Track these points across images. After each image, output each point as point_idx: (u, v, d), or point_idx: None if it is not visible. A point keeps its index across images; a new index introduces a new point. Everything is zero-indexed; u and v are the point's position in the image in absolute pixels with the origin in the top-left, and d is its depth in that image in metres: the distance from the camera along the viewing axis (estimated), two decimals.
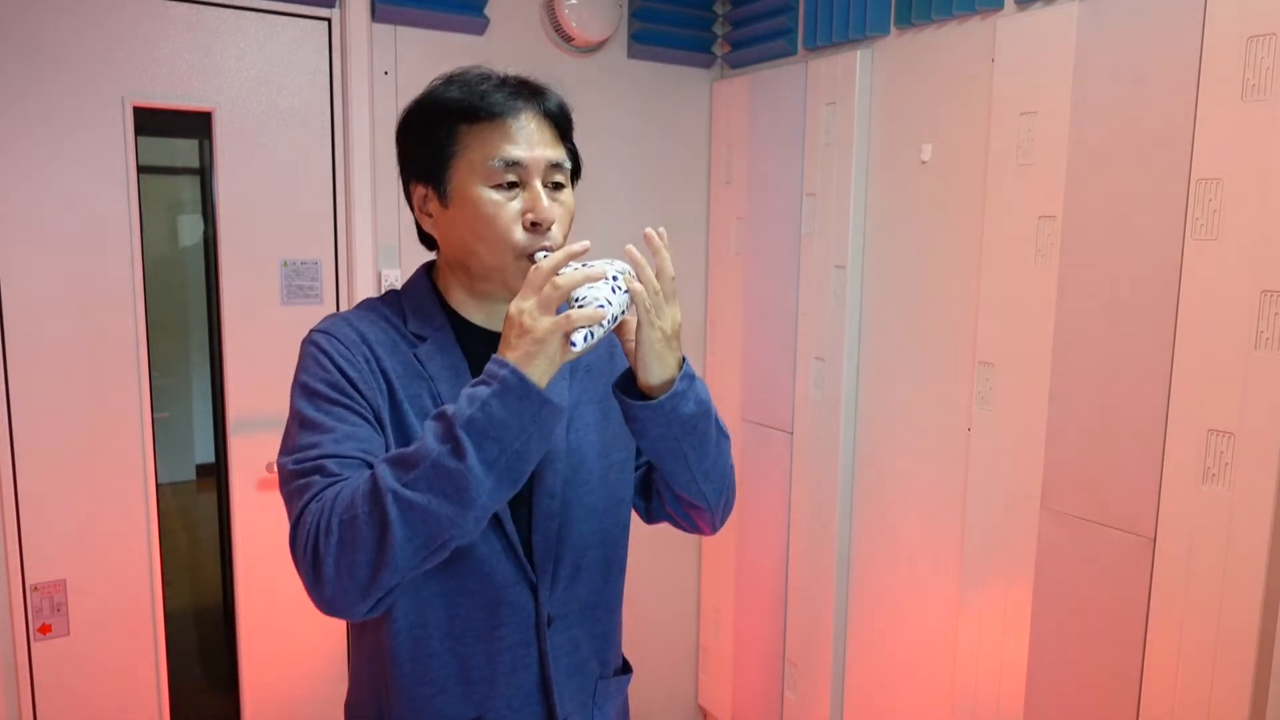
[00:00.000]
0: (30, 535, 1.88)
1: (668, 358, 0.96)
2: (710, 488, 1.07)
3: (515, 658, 1.07)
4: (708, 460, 1.04)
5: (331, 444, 0.95)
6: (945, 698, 1.97)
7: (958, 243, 1.91)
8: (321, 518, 0.90)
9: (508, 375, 0.87)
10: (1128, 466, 1.59)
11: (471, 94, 1.02)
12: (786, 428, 2.37)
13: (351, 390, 0.99)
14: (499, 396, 0.86)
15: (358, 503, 0.88)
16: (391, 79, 2.15)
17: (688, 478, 1.04)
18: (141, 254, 1.94)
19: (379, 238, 2.16)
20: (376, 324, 1.06)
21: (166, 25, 1.93)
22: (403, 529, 0.86)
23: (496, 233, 1.01)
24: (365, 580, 0.88)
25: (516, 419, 0.87)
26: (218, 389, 2.11)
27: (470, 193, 1.01)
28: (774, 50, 2.39)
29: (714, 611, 2.70)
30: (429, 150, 1.04)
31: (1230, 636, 1.44)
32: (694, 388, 0.99)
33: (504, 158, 1.00)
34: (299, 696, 2.20)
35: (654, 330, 0.94)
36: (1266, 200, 1.37)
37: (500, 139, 1.01)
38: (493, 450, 0.87)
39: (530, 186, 1.02)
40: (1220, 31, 1.42)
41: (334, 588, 0.89)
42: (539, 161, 1.02)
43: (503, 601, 1.05)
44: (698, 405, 0.99)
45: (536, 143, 1.02)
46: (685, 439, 1.00)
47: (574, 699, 1.12)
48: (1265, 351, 1.38)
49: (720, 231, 2.61)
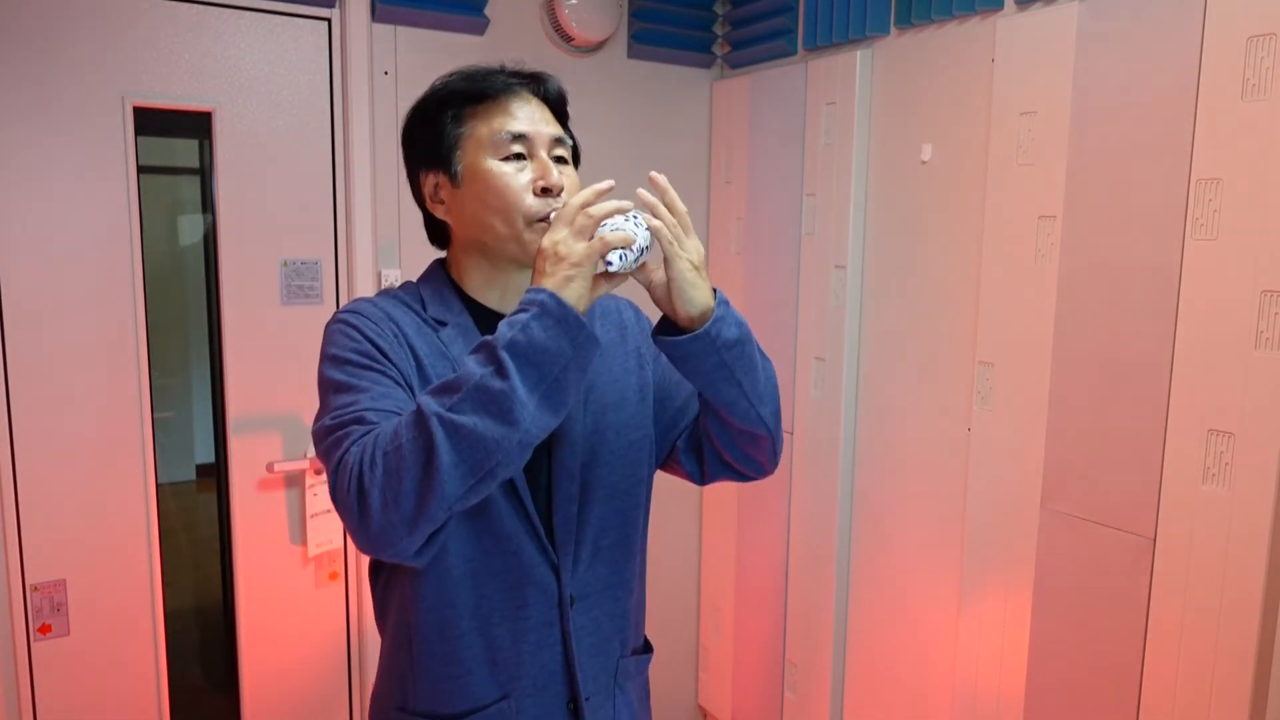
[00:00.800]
0: (30, 535, 1.88)
1: (701, 286, 0.99)
2: (767, 410, 1.08)
3: (539, 637, 1.09)
4: (759, 383, 1.06)
5: (368, 400, 0.97)
6: (945, 698, 1.97)
7: (958, 243, 1.91)
8: (365, 454, 0.90)
9: (546, 299, 0.89)
10: (1128, 466, 1.59)
11: (473, 79, 1.09)
12: (787, 428, 2.37)
13: (382, 358, 1.02)
14: (539, 319, 0.89)
15: (402, 431, 0.89)
16: (391, 79, 2.15)
17: (745, 405, 1.05)
18: (141, 254, 1.94)
19: (379, 238, 2.16)
20: (399, 307, 1.10)
21: (166, 25, 1.93)
22: (450, 452, 0.87)
23: (509, 201, 1.05)
24: (412, 511, 0.88)
25: (555, 343, 0.89)
26: (218, 389, 2.11)
27: (480, 167, 1.06)
28: (774, 50, 2.39)
29: (714, 611, 2.70)
30: (436, 137, 1.09)
31: (1230, 636, 1.44)
32: (731, 312, 1.01)
33: (510, 130, 1.06)
34: (299, 696, 2.20)
35: (682, 261, 0.97)
36: (1266, 200, 1.37)
37: (504, 115, 1.07)
38: (533, 375, 0.89)
39: (537, 157, 1.07)
40: (1220, 31, 1.42)
41: (380, 520, 0.88)
42: (543, 135, 1.08)
43: (528, 581, 1.08)
44: (739, 328, 1.02)
45: (538, 119, 1.09)
46: (736, 364, 1.02)
47: (596, 678, 1.14)
48: (1265, 351, 1.38)
49: (720, 231, 2.61)
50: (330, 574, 2.21)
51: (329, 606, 2.22)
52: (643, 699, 1.25)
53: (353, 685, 2.27)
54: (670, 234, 0.96)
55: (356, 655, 2.26)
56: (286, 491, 2.15)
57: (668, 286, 0.99)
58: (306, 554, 2.16)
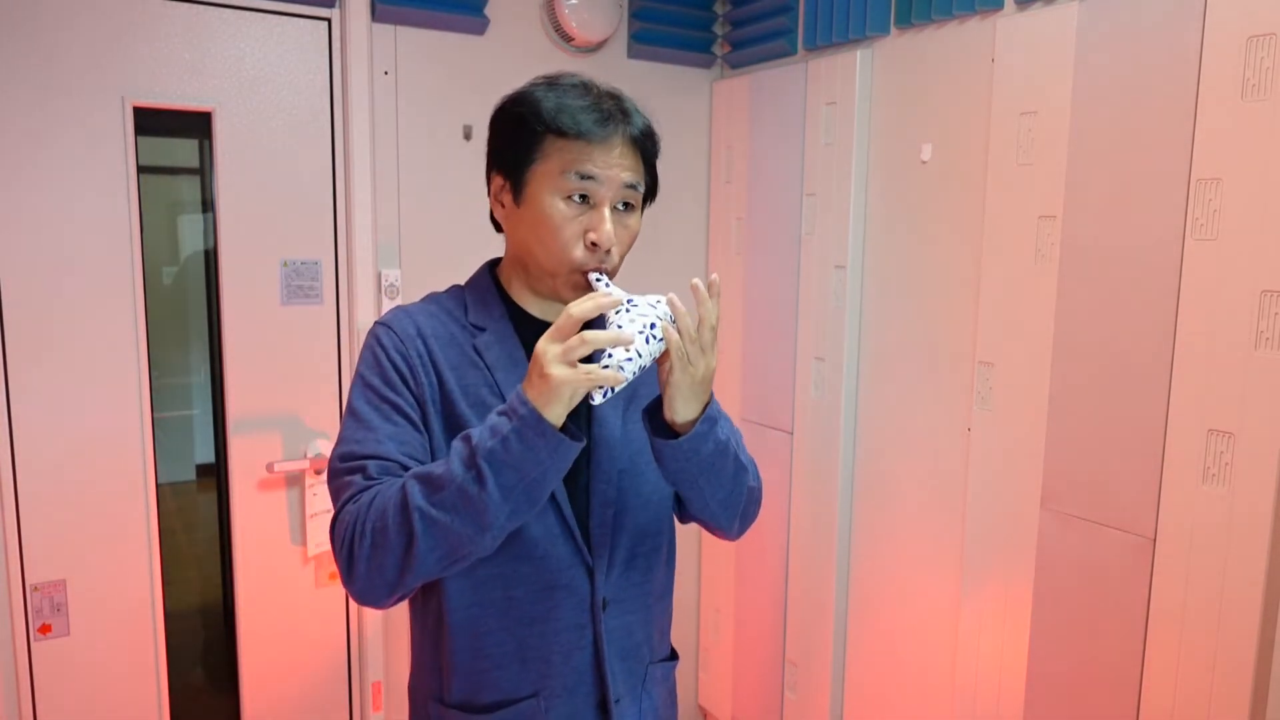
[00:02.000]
0: (30, 535, 1.88)
1: (693, 402, 1.01)
2: (724, 514, 1.13)
3: (570, 639, 1.11)
4: (721, 492, 1.09)
5: (374, 444, 1.03)
6: (945, 697, 1.97)
7: (958, 243, 1.91)
8: (357, 521, 0.98)
9: (526, 414, 0.92)
10: (1128, 466, 1.59)
11: (566, 109, 1.04)
12: (786, 428, 2.37)
13: (401, 386, 1.06)
14: (517, 433, 0.92)
15: (389, 514, 0.96)
16: (391, 79, 2.15)
17: (701, 504, 1.11)
18: (141, 254, 1.94)
19: (379, 238, 2.16)
20: (437, 316, 1.12)
21: (166, 25, 1.93)
22: (426, 541, 0.95)
23: (558, 245, 1.05)
24: (392, 580, 0.98)
25: (533, 454, 0.92)
26: (218, 389, 2.11)
27: (542, 199, 1.05)
28: (774, 50, 2.39)
29: (714, 611, 2.70)
30: (513, 149, 1.08)
31: (1230, 636, 1.44)
32: (715, 430, 1.03)
33: (580, 171, 1.04)
34: (299, 696, 2.20)
35: (684, 376, 0.98)
36: (1266, 200, 1.37)
37: (582, 156, 1.04)
38: (511, 478, 0.93)
39: (599, 208, 1.05)
40: (1220, 31, 1.42)
41: (364, 583, 0.99)
42: (614, 181, 1.05)
43: (558, 585, 1.10)
44: (716, 446, 1.04)
45: (615, 164, 1.05)
46: (701, 475, 1.05)
47: (625, 681, 1.16)
48: (1265, 351, 1.38)
49: (720, 231, 2.60)
50: (330, 574, 2.21)
51: (329, 606, 2.22)
52: (669, 705, 1.27)
53: (353, 685, 2.27)
54: (684, 350, 0.97)
55: (356, 655, 2.26)
56: (286, 491, 2.15)
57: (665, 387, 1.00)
58: (306, 554, 2.16)
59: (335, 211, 2.14)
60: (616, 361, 0.93)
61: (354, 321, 2.15)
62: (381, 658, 2.27)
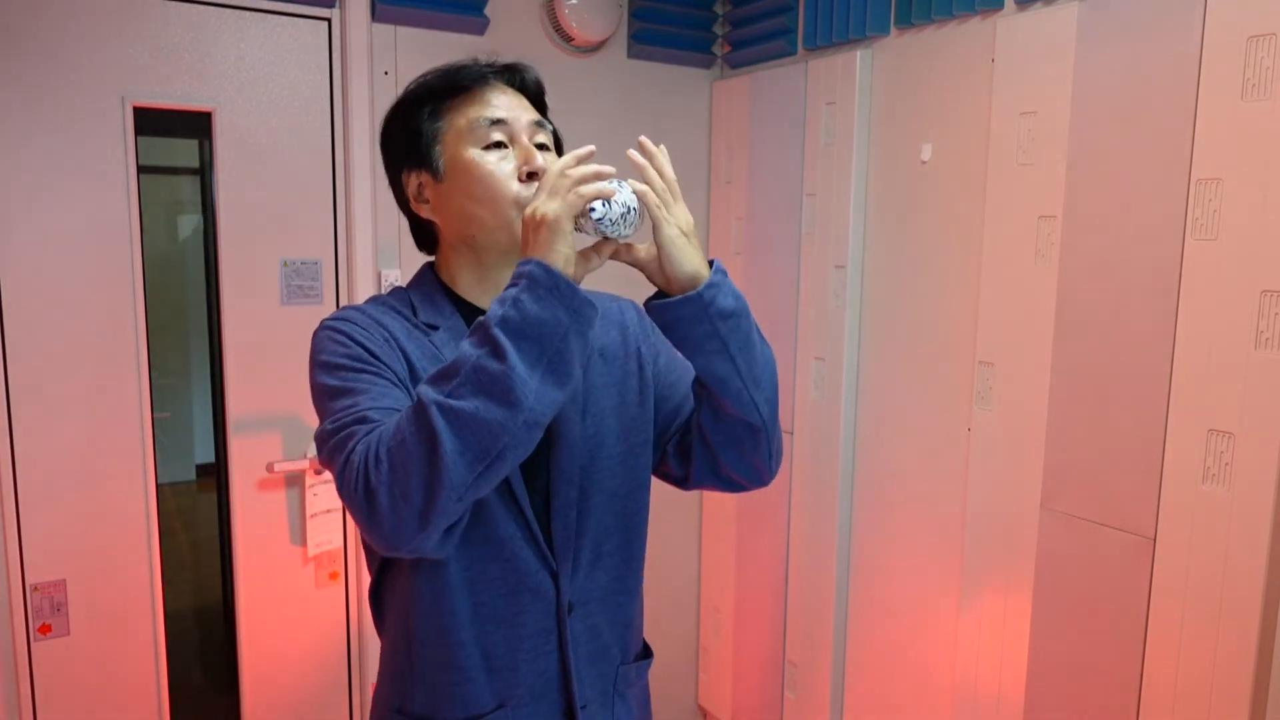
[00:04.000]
0: (30, 535, 1.88)
1: (691, 252, 0.96)
2: (762, 396, 1.03)
3: (536, 645, 1.08)
4: (756, 363, 1.02)
5: (368, 401, 0.95)
6: (945, 698, 1.97)
7: (958, 243, 1.91)
8: (369, 451, 0.88)
9: (533, 269, 0.87)
10: (1128, 466, 1.59)
11: (446, 74, 1.07)
12: (786, 428, 2.37)
13: (374, 360, 1.00)
14: (528, 291, 0.86)
15: (404, 426, 0.87)
16: (391, 79, 2.15)
17: (738, 385, 1.01)
18: (141, 254, 1.94)
19: (379, 238, 2.16)
20: (388, 313, 1.07)
21: (166, 25, 1.93)
22: (453, 440, 0.84)
23: (495, 190, 1.03)
24: (421, 504, 0.86)
25: (550, 312, 0.86)
26: (218, 389, 2.11)
27: (462, 158, 1.04)
28: (774, 50, 2.39)
29: (714, 611, 2.70)
30: (415, 134, 1.07)
31: (1230, 636, 1.44)
32: (728, 283, 0.98)
33: (488, 117, 1.04)
34: (299, 696, 2.20)
35: (670, 227, 0.94)
36: (1266, 200, 1.37)
37: (480, 104, 1.05)
38: (532, 350, 0.86)
39: (519, 142, 1.05)
40: (1220, 31, 1.42)
41: (391, 519, 0.86)
42: (521, 121, 1.06)
43: (524, 588, 1.06)
44: (736, 300, 0.99)
45: (516, 107, 1.07)
46: (730, 336, 0.98)
47: (594, 685, 1.13)
48: (1265, 351, 1.38)
49: (720, 231, 2.60)
50: (330, 574, 2.21)
51: (329, 606, 2.22)
52: (643, 705, 1.24)
53: (353, 685, 2.27)
54: (658, 198, 0.94)
55: (356, 655, 2.26)
56: (286, 491, 2.15)
57: (658, 257, 0.96)
58: (306, 554, 2.16)
59: (335, 211, 2.14)
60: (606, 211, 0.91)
61: None
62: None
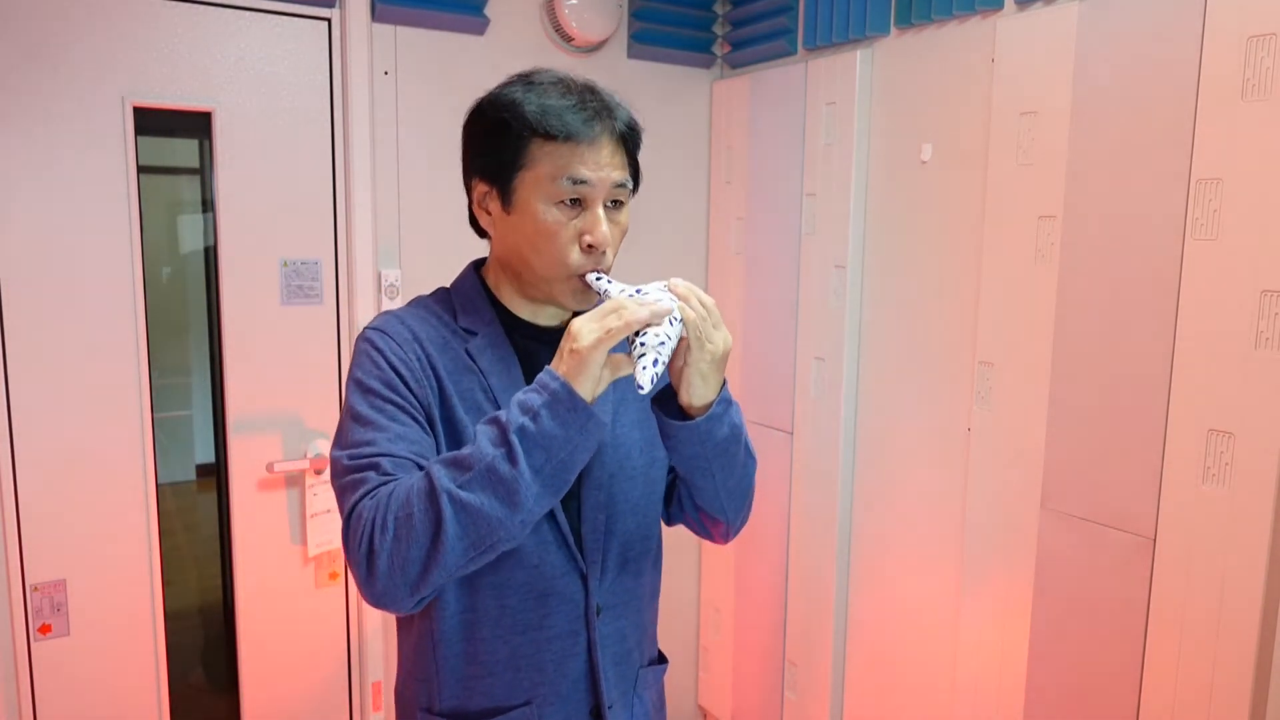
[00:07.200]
0: (30, 535, 1.88)
1: (712, 380, 1.00)
2: (731, 505, 1.13)
3: (564, 647, 1.10)
4: (732, 480, 1.10)
5: (385, 442, 0.99)
6: (945, 698, 1.97)
7: (958, 243, 1.91)
8: (377, 514, 0.94)
9: (558, 388, 0.92)
10: (1128, 466, 1.59)
11: (549, 111, 1.02)
12: (786, 428, 2.37)
13: (404, 389, 1.03)
14: (549, 407, 0.91)
15: (413, 501, 0.92)
16: (391, 79, 2.15)
17: (711, 494, 1.10)
18: (141, 254, 1.94)
19: (379, 238, 2.16)
20: (428, 320, 1.09)
21: (166, 25, 1.93)
22: (455, 528, 0.91)
23: (554, 250, 1.03)
24: (416, 576, 0.93)
25: (564, 430, 0.92)
26: (218, 389, 2.11)
27: (533, 206, 1.03)
28: (774, 50, 2.39)
29: (714, 611, 2.70)
30: (497, 155, 1.05)
31: (1230, 636, 1.44)
32: (730, 412, 1.03)
33: (572, 176, 1.02)
34: (299, 696, 2.20)
35: (704, 353, 0.98)
36: (1266, 200, 1.37)
37: (572, 159, 1.02)
38: (540, 458, 0.92)
39: (592, 209, 1.04)
40: (1220, 31, 1.42)
41: (385, 582, 0.93)
42: (605, 182, 1.04)
43: (552, 592, 1.09)
44: (731, 429, 1.04)
45: (605, 164, 1.04)
46: (715, 460, 1.05)
47: (618, 686, 1.15)
48: (1265, 351, 1.38)
49: (720, 231, 2.60)
50: (330, 574, 2.21)
51: (329, 606, 2.22)
52: (659, 709, 1.27)
53: (353, 685, 2.27)
54: (700, 328, 0.97)
55: (356, 655, 2.26)
56: (286, 491, 2.15)
57: (681, 370, 1.00)
58: (306, 554, 2.16)
59: (335, 211, 2.14)
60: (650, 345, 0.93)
61: (354, 321, 2.15)
62: (381, 658, 2.27)
